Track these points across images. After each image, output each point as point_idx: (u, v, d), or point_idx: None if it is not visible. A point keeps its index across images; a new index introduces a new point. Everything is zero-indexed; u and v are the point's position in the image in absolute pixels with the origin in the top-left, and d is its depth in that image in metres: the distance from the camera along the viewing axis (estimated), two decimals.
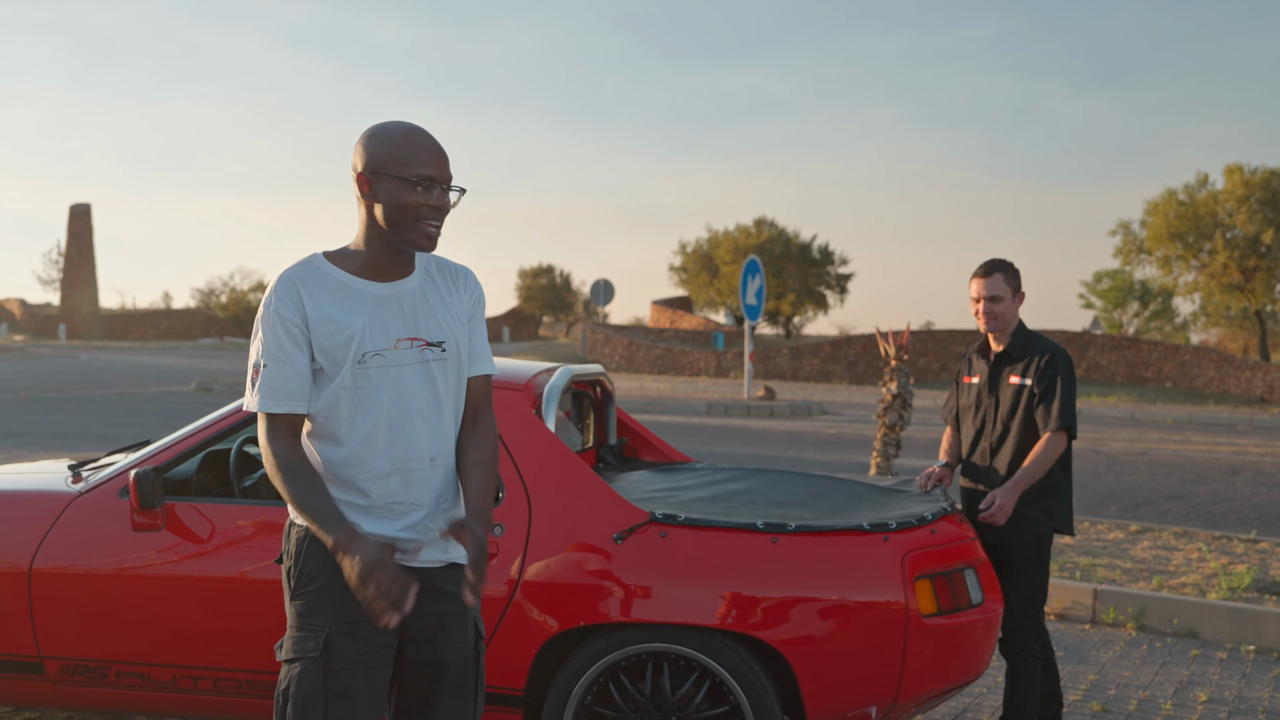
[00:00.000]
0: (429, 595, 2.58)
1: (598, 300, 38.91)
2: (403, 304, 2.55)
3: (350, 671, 2.48)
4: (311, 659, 2.47)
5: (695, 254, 52.76)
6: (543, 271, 70.93)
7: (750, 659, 3.56)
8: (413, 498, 2.55)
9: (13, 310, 68.25)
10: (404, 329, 2.53)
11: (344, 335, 2.48)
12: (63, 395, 22.02)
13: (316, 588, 2.50)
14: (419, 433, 2.54)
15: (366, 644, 2.50)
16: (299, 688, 2.47)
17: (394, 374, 2.51)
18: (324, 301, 2.49)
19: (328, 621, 2.48)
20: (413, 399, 2.53)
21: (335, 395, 2.49)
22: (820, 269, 50.25)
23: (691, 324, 50.95)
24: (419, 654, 2.58)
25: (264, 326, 2.49)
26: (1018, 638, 4.24)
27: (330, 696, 2.46)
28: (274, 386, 2.47)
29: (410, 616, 2.55)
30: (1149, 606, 6.52)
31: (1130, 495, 11.40)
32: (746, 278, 21.94)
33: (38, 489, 3.98)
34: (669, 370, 36.27)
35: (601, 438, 5.11)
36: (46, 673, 3.84)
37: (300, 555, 2.52)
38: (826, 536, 3.63)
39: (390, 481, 2.52)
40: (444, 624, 2.59)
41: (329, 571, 2.49)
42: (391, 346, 2.52)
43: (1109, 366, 31.55)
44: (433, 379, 2.56)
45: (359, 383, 2.49)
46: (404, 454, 2.53)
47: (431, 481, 2.57)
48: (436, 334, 2.57)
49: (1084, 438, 17.70)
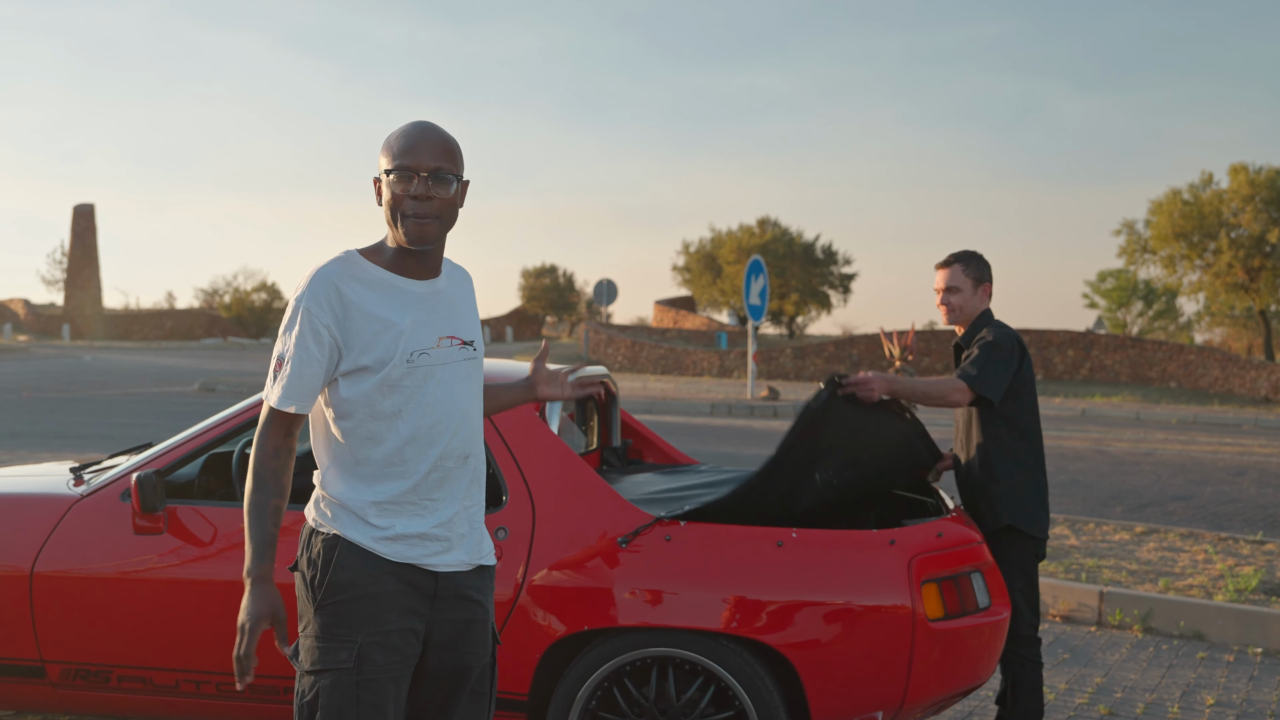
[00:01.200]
0: (454, 601, 2.56)
1: (600, 300, 38.89)
2: (439, 303, 2.56)
3: (382, 682, 2.46)
4: (345, 670, 2.44)
5: (698, 254, 52.73)
6: (545, 271, 70.89)
7: (755, 663, 3.53)
8: (445, 495, 2.54)
9: (17, 311, 68.30)
10: (445, 327, 2.54)
11: (393, 332, 2.46)
12: (66, 395, 22.02)
13: (347, 598, 2.46)
14: (458, 431, 2.55)
15: (397, 654, 2.48)
16: (331, 699, 2.44)
17: (439, 372, 2.52)
18: (369, 298, 2.46)
19: (359, 632, 2.45)
20: (455, 397, 2.54)
21: (377, 392, 2.46)
22: (823, 269, 50.19)
23: (695, 324, 50.95)
24: (442, 660, 2.57)
25: (294, 321, 2.45)
26: (1013, 646, 4.19)
27: (363, 708, 2.43)
28: (291, 384, 2.45)
29: (436, 624, 2.54)
30: (1155, 608, 6.49)
31: (1135, 496, 11.36)
32: (750, 278, 21.91)
33: (39, 492, 3.96)
34: (672, 370, 36.25)
35: (605, 440, 5.09)
36: (48, 677, 3.82)
37: (330, 564, 2.47)
38: (832, 539, 3.60)
39: (429, 480, 2.51)
40: (469, 630, 2.59)
41: (361, 581, 2.46)
42: (435, 345, 2.52)
43: (1113, 366, 31.49)
44: (470, 377, 2.59)
45: (405, 381, 2.47)
46: (443, 452, 2.53)
47: (462, 480, 2.58)
48: (469, 333, 2.61)
49: (1088, 437, 17.67)
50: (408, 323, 2.48)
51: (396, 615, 2.48)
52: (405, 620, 2.50)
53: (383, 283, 2.49)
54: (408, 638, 2.50)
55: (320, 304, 2.43)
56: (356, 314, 2.44)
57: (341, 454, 2.51)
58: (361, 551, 2.48)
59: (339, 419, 2.50)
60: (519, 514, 3.67)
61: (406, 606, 2.50)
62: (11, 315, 67.68)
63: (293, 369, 2.44)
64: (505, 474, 3.73)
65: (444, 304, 2.56)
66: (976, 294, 4.30)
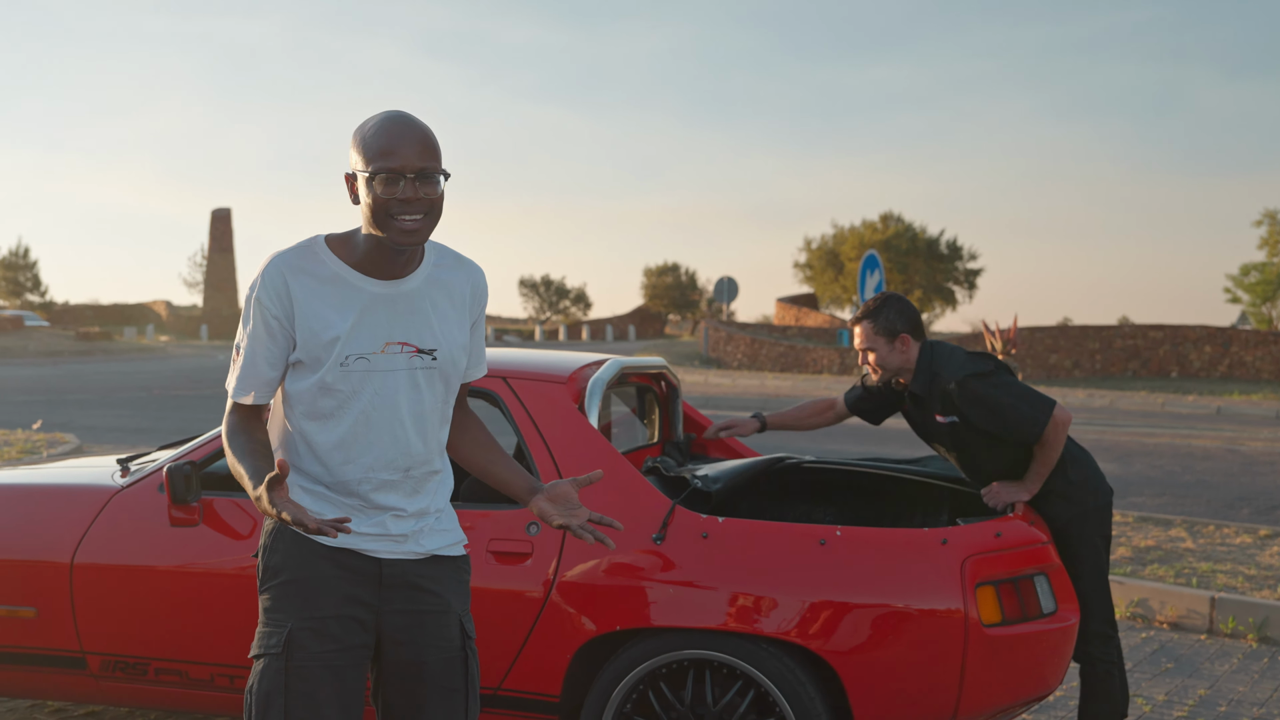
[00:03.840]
0: (403, 591, 2.44)
1: (721, 298, 38.76)
2: (398, 306, 2.39)
3: (314, 670, 2.35)
4: (274, 655, 2.35)
5: (820, 250, 52.11)
6: (668, 270, 70.96)
7: (796, 668, 3.33)
8: (386, 502, 2.42)
9: (159, 312, 71.02)
10: (395, 332, 2.38)
11: (330, 334, 2.34)
12: (195, 393, 22.69)
13: (280, 581, 2.39)
14: (395, 441, 2.40)
15: (334, 641, 2.37)
16: (260, 684, 2.36)
17: (377, 379, 2.37)
18: (315, 294, 2.35)
19: (291, 617, 2.37)
20: (393, 406, 2.39)
21: (312, 392, 2.37)
22: (948, 264, 49.17)
23: (816, 321, 50.31)
24: (397, 654, 2.45)
25: (248, 314, 2.37)
26: (1082, 644, 3.97)
27: (291, 695, 2.33)
28: (245, 375, 2.38)
29: (386, 615, 2.43)
30: (1271, 617, 6.07)
31: (1266, 498, 10.74)
32: (865, 273, 21.45)
33: (82, 483, 3.95)
34: (792, 368, 35.83)
35: (667, 433, 4.93)
36: (89, 668, 3.81)
37: (266, 548, 2.42)
38: (879, 538, 3.38)
39: (360, 487, 2.40)
40: (422, 622, 2.45)
41: (292, 565, 2.38)
42: (379, 350, 2.37)
43: (1254, 363, 30.10)
44: (417, 387, 2.41)
45: (338, 384, 2.36)
46: (376, 462, 2.39)
47: (404, 488, 2.44)
48: (429, 341, 2.42)
49: (1220, 436, 16.85)
50: (349, 324, 2.35)
51: (334, 601, 2.38)
52: (344, 607, 2.39)
53: (335, 279, 2.36)
54: (349, 625, 2.39)
55: (270, 295, 2.34)
56: (300, 309, 2.34)
57: (284, 440, 2.44)
58: (294, 535, 2.39)
59: (284, 406, 2.43)
60: None
61: (345, 593, 2.39)
62: (154, 316, 70.40)
63: (246, 359, 2.38)
64: (540, 467, 3.60)
65: (405, 307, 2.40)
66: (893, 349, 3.95)
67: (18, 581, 3.82)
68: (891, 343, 3.95)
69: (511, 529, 3.53)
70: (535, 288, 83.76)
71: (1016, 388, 3.83)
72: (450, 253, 2.51)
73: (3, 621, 3.84)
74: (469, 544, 3.54)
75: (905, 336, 3.96)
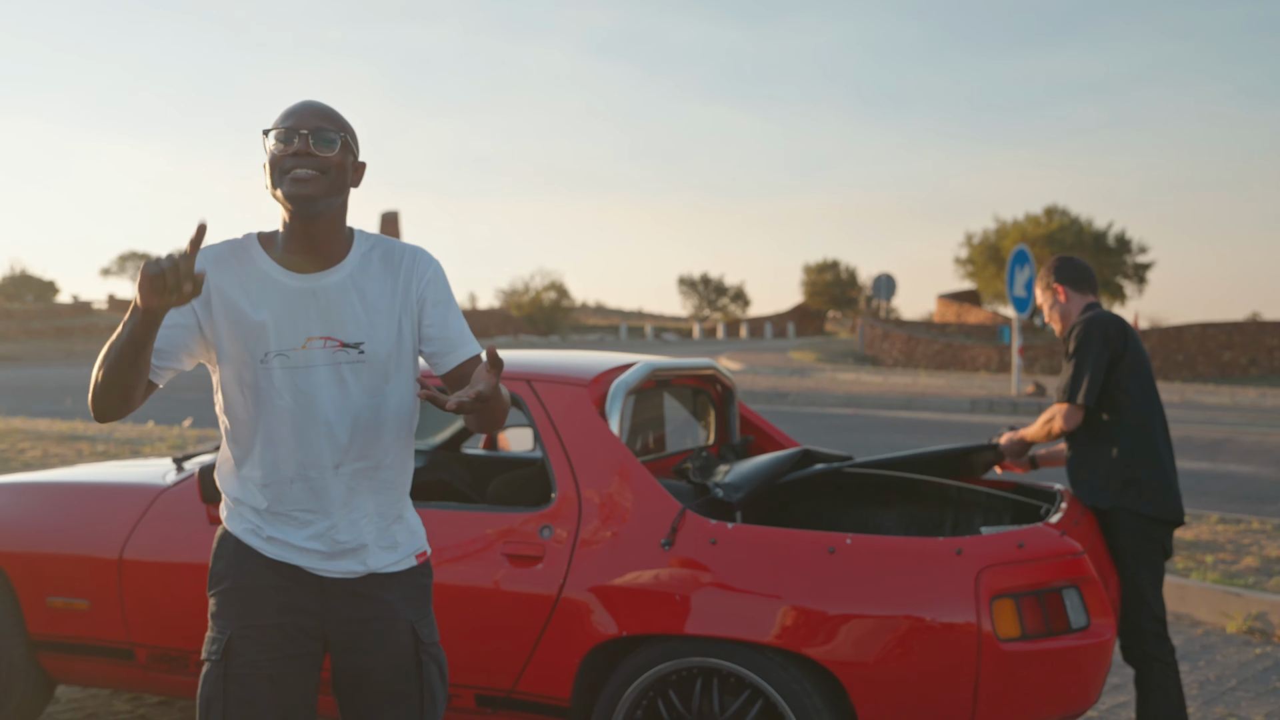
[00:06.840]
0: (348, 600, 2.43)
1: (879, 295, 38.16)
2: (319, 299, 2.36)
3: (251, 679, 2.36)
4: (214, 662, 2.38)
5: (982, 245, 50.76)
6: (827, 267, 70.25)
7: (802, 679, 3.24)
8: (317, 506, 2.39)
9: None
10: (317, 327, 2.35)
11: (249, 329, 2.34)
12: None
13: (224, 588, 2.41)
14: (323, 439, 2.37)
15: (274, 650, 2.38)
16: (203, 690, 2.39)
17: (299, 375, 2.35)
18: (236, 288, 2.35)
19: (231, 624, 2.39)
20: (318, 403, 2.36)
21: (235, 392, 2.38)
22: (1115, 258, 47.30)
23: (978, 318, 49.03)
24: (342, 662, 2.45)
25: None
26: (1136, 642, 3.92)
27: (230, 702, 2.35)
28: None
29: (331, 623, 2.43)
30: None
31: None
32: (1014, 268, 20.84)
33: (134, 482, 4.13)
34: (948, 366, 34.99)
35: (723, 436, 4.86)
36: (136, 659, 3.97)
37: (213, 554, 2.45)
38: (890, 547, 3.26)
39: (293, 488, 2.38)
40: (364, 630, 2.43)
41: (235, 572, 2.40)
42: (300, 346, 2.35)
43: None
44: (344, 383, 2.37)
45: (260, 382, 2.35)
46: (307, 460, 2.37)
47: (337, 490, 2.39)
48: (354, 334, 2.37)
49: None
50: (268, 320, 2.33)
51: (275, 610, 2.38)
52: (286, 616, 2.39)
53: (258, 275, 2.36)
54: (291, 634, 2.39)
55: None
56: (219, 303, 2.34)
57: (224, 445, 2.46)
58: (237, 543, 2.41)
59: (220, 408, 2.44)
60: (565, 513, 3.52)
61: (286, 602, 2.39)
62: None
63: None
64: (556, 471, 3.59)
65: (324, 301, 2.35)
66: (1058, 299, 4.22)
67: (74, 575, 4.01)
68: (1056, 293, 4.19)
69: (524, 533, 3.54)
70: (694, 286, 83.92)
71: (1092, 359, 3.93)
72: (387, 240, 2.46)
73: (61, 613, 4.03)
74: (484, 546, 3.55)
75: (1058, 286, 4.19)
